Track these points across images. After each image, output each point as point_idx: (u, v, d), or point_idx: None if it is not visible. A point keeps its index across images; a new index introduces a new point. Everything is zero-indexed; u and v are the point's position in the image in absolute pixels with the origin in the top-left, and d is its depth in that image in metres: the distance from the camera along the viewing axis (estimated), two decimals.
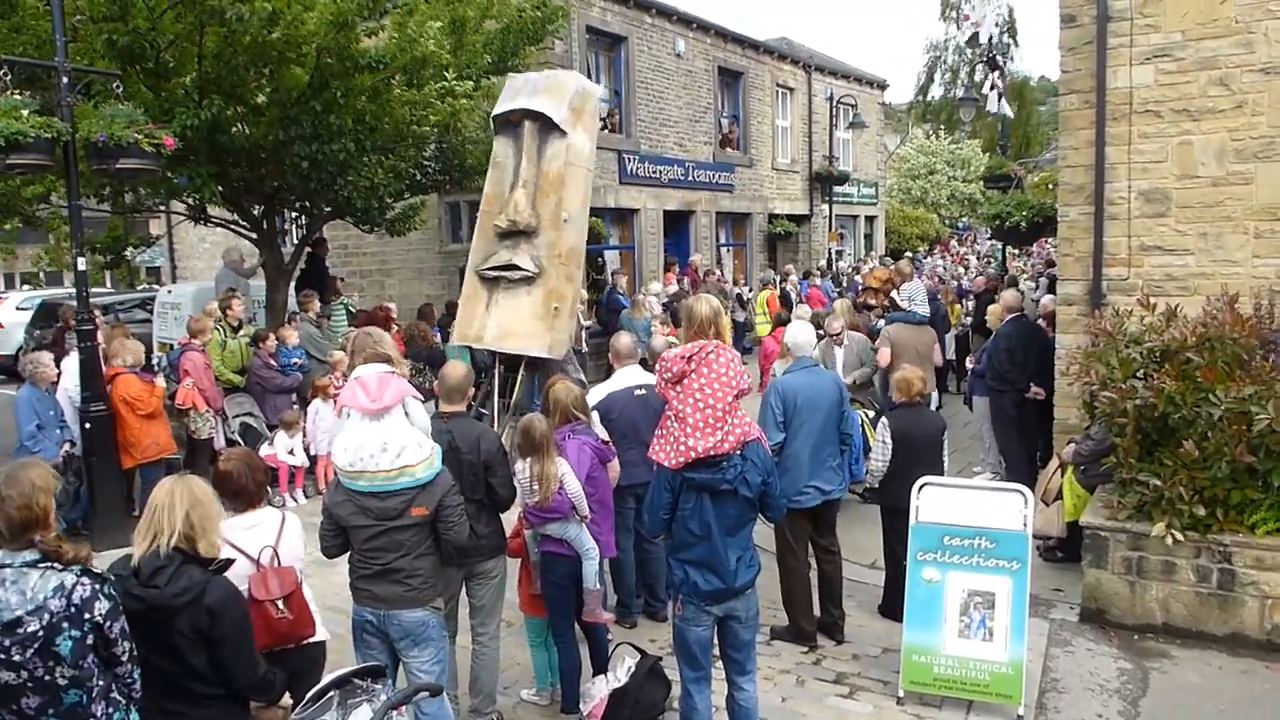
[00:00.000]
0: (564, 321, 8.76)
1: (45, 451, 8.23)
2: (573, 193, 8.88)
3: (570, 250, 8.83)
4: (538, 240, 8.72)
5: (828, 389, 6.27)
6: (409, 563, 4.23)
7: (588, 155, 9.17)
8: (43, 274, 27.81)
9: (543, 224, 8.67)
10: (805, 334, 6.65)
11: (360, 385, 4.40)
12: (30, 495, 2.96)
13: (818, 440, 6.12)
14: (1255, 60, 7.39)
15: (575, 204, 8.93)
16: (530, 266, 8.60)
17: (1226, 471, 5.84)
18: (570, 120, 8.89)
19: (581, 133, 9.03)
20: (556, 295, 8.75)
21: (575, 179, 8.91)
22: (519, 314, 8.67)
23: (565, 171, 8.79)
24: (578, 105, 9.03)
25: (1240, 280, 7.40)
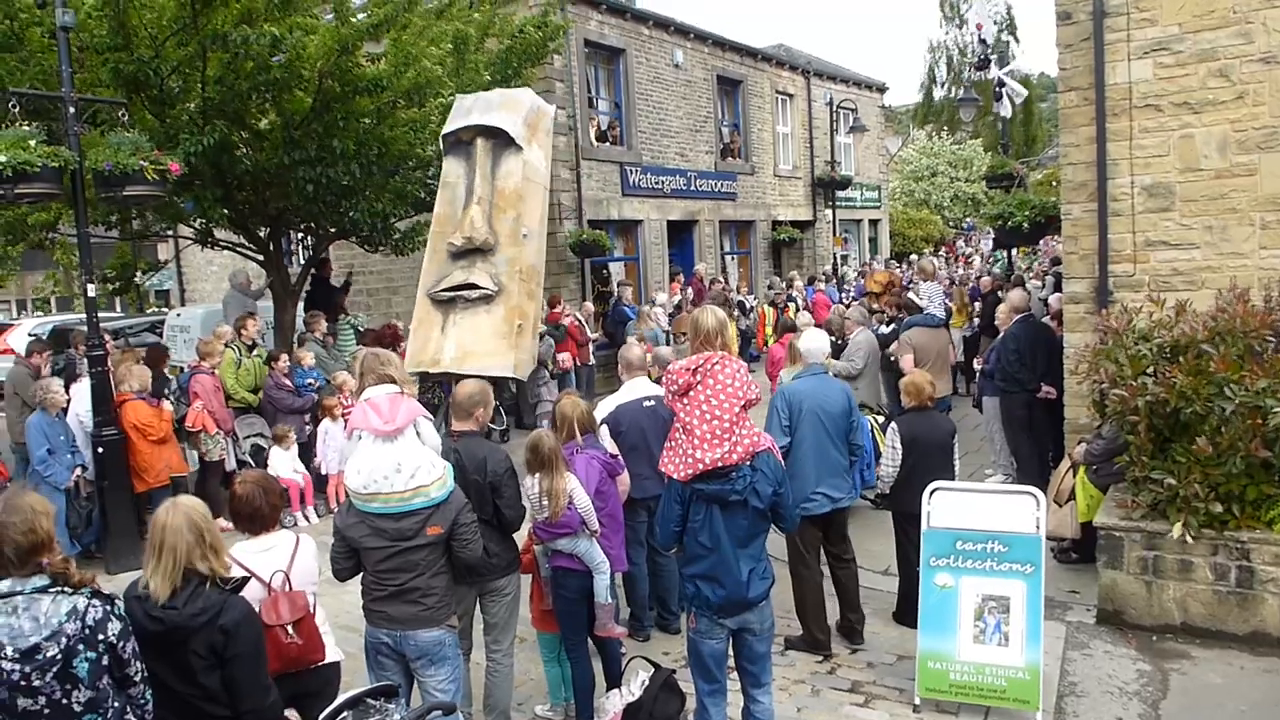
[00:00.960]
0: (528, 339, 8.55)
1: (56, 476, 8.30)
2: (531, 208, 8.69)
3: (530, 267, 8.63)
4: (496, 257, 8.49)
5: (836, 397, 6.25)
6: (425, 582, 4.22)
7: (544, 172, 9.05)
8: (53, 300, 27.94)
9: (501, 240, 8.45)
10: (817, 341, 6.63)
11: (372, 407, 4.39)
12: (32, 519, 2.97)
13: (824, 447, 6.10)
14: (1254, 50, 7.37)
15: (534, 220, 8.75)
16: (489, 284, 8.37)
17: (1242, 467, 5.79)
18: (527, 136, 8.73)
19: (538, 149, 8.90)
20: (519, 312, 8.50)
21: (533, 195, 8.73)
22: (479, 333, 8.40)
23: (523, 188, 8.61)
24: (533, 121, 8.90)
25: (1248, 272, 7.37)
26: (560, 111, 17.12)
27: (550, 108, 9.66)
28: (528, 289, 8.62)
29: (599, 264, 18.94)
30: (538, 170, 8.84)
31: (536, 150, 8.87)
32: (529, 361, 8.72)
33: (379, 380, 4.65)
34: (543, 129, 9.09)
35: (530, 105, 8.97)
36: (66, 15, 7.97)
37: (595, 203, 18.23)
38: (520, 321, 8.45)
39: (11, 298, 30.74)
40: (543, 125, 9.10)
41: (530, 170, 8.70)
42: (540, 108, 9.16)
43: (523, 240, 8.55)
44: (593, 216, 18.04)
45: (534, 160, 8.75)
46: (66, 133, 8.22)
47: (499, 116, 8.65)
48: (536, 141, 8.94)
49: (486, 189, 8.55)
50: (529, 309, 8.63)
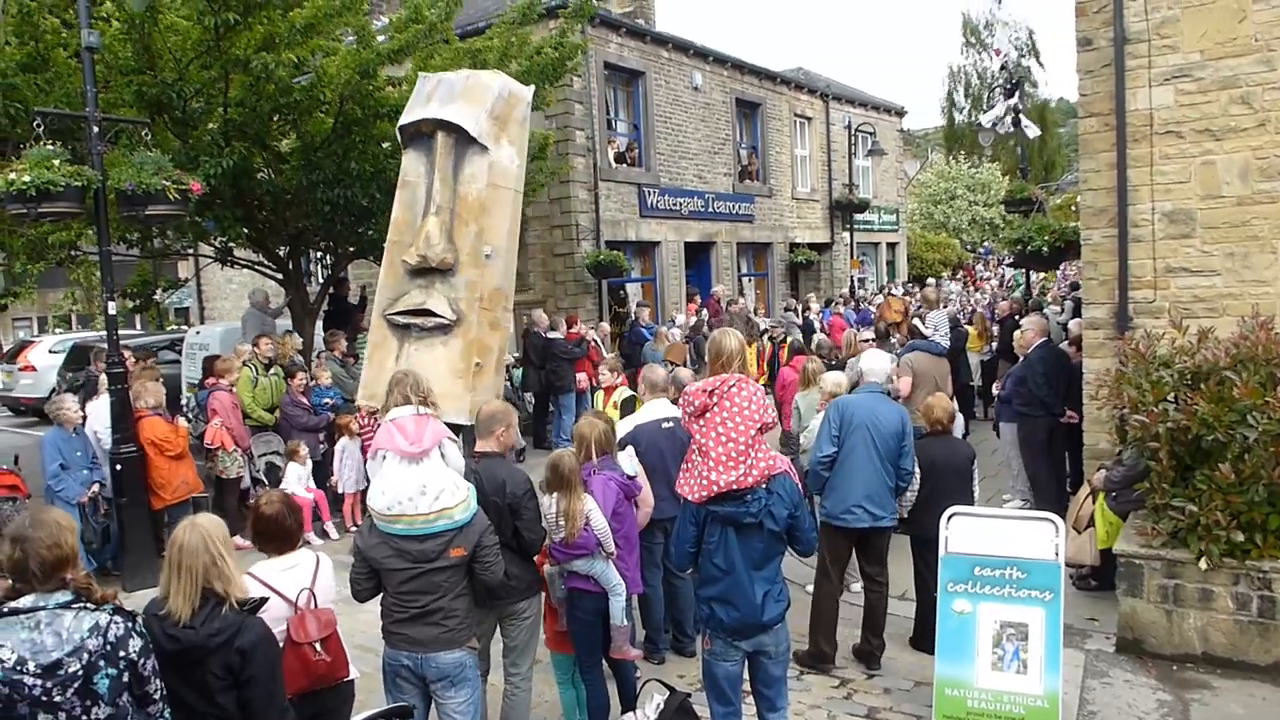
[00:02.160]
0: (488, 379, 7.50)
1: (68, 491, 8.33)
2: (497, 221, 7.52)
3: (494, 291, 7.51)
4: (455, 280, 7.36)
5: (891, 417, 6.22)
6: (447, 603, 4.20)
7: (515, 174, 7.77)
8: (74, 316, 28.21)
9: (461, 260, 7.35)
10: (880, 361, 6.65)
11: (398, 428, 4.37)
12: (57, 535, 2.98)
13: (872, 462, 6.09)
14: (1276, 78, 7.34)
15: (500, 234, 7.57)
16: (447, 312, 7.30)
17: (1264, 495, 5.74)
18: (492, 132, 7.47)
19: (507, 146, 7.60)
20: (479, 347, 7.39)
21: (500, 204, 7.54)
22: (434, 370, 7.20)
23: (487, 195, 7.42)
24: (501, 113, 7.55)
25: (1270, 300, 7.31)
26: (579, 133, 17.23)
27: (526, 90, 8.17)
28: (491, 318, 7.49)
29: (616, 285, 18.99)
30: (507, 173, 7.60)
31: (506, 148, 7.58)
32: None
33: (404, 400, 4.65)
34: (515, 119, 7.74)
35: (498, 92, 7.64)
36: (92, 36, 8.08)
37: (613, 224, 18.29)
38: (480, 359, 7.39)
39: (32, 315, 31.04)
40: (515, 115, 7.75)
41: (497, 174, 7.48)
42: (511, 93, 7.80)
43: (485, 260, 7.42)
44: (610, 237, 18.10)
45: (502, 161, 7.51)
46: (90, 152, 8.32)
47: (457, 110, 7.41)
48: (506, 136, 7.63)
49: (447, 196, 7.39)
50: (492, 342, 7.52)
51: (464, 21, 14.58)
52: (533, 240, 17.98)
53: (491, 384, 7.48)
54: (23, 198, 7.61)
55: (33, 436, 14.85)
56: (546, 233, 17.77)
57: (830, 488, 6.12)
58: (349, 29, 11.19)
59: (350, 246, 12.95)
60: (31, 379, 18.50)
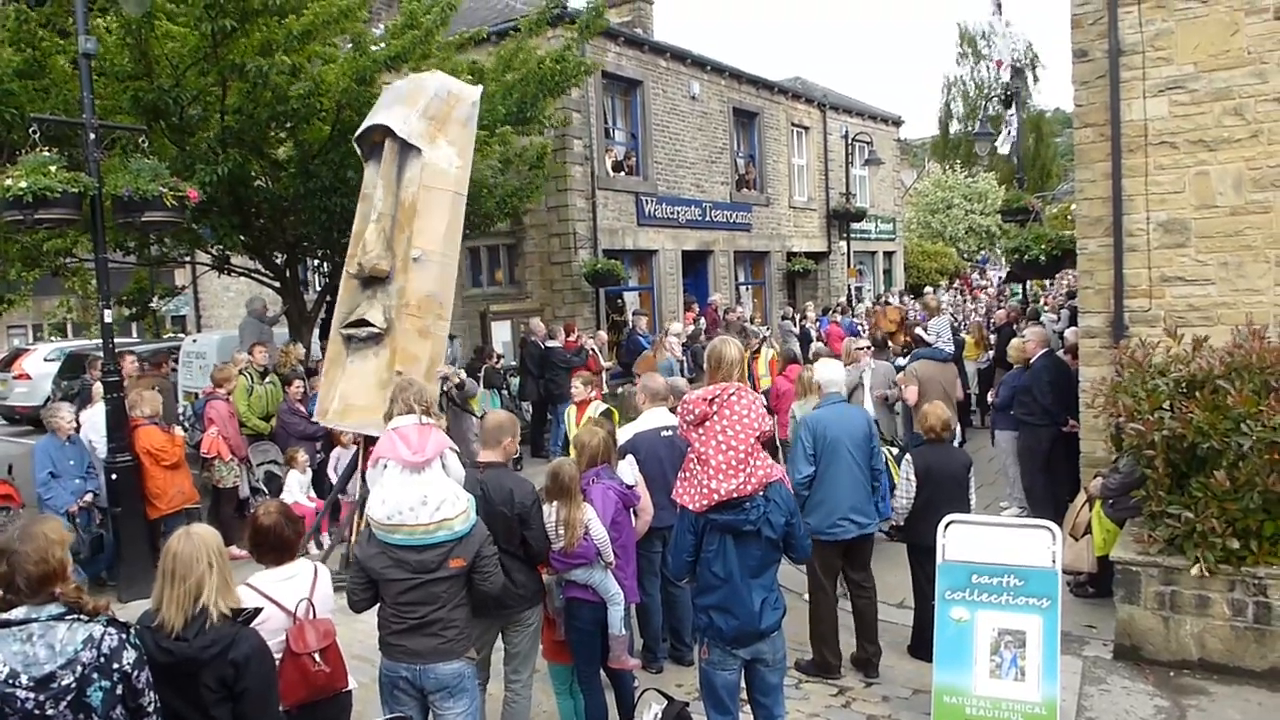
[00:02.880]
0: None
1: (57, 499, 8.28)
2: (430, 223, 7.28)
3: (426, 298, 7.23)
4: (391, 287, 7.24)
5: (858, 424, 6.33)
6: (446, 614, 4.18)
7: (455, 175, 7.48)
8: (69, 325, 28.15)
9: (397, 266, 7.22)
10: (835, 371, 6.67)
11: (400, 437, 4.35)
12: (45, 549, 2.96)
13: (850, 474, 6.16)
14: (1269, 90, 7.38)
15: (434, 237, 7.33)
16: (380, 321, 7.17)
17: (1259, 502, 5.75)
18: (426, 132, 7.33)
19: (445, 147, 7.41)
20: (403, 356, 7.18)
21: (434, 206, 7.31)
22: (364, 382, 7.19)
23: (419, 197, 7.22)
24: (439, 113, 7.42)
25: (1264, 309, 7.34)
26: (577, 141, 17.25)
27: (472, 90, 7.88)
28: (419, 325, 7.22)
29: (613, 293, 19.00)
30: (443, 174, 7.31)
31: (444, 148, 7.35)
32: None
33: (406, 409, 4.64)
34: (455, 119, 7.47)
35: (434, 92, 7.45)
36: (89, 43, 8.09)
37: (611, 232, 18.32)
38: (403, 367, 7.05)
39: (27, 322, 30.95)
40: (455, 115, 7.47)
41: (431, 175, 7.24)
42: (451, 92, 7.56)
43: (414, 264, 7.19)
44: (608, 246, 18.13)
45: (438, 162, 7.27)
46: (86, 159, 8.31)
47: (392, 113, 7.28)
48: (445, 136, 7.40)
49: (389, 202, 7.28)
50: (419, 350, 7.22)
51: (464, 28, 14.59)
52: (531, 248, 18.00)
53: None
54: (19, 204, 7.58)
55: (27, 445, 14.79)
56: (544, 241, 17.79)
57: (815, 503, 6.12)
58: (347, 36, 11.22)
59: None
60: (26, 387, 18.47)
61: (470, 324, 18.10)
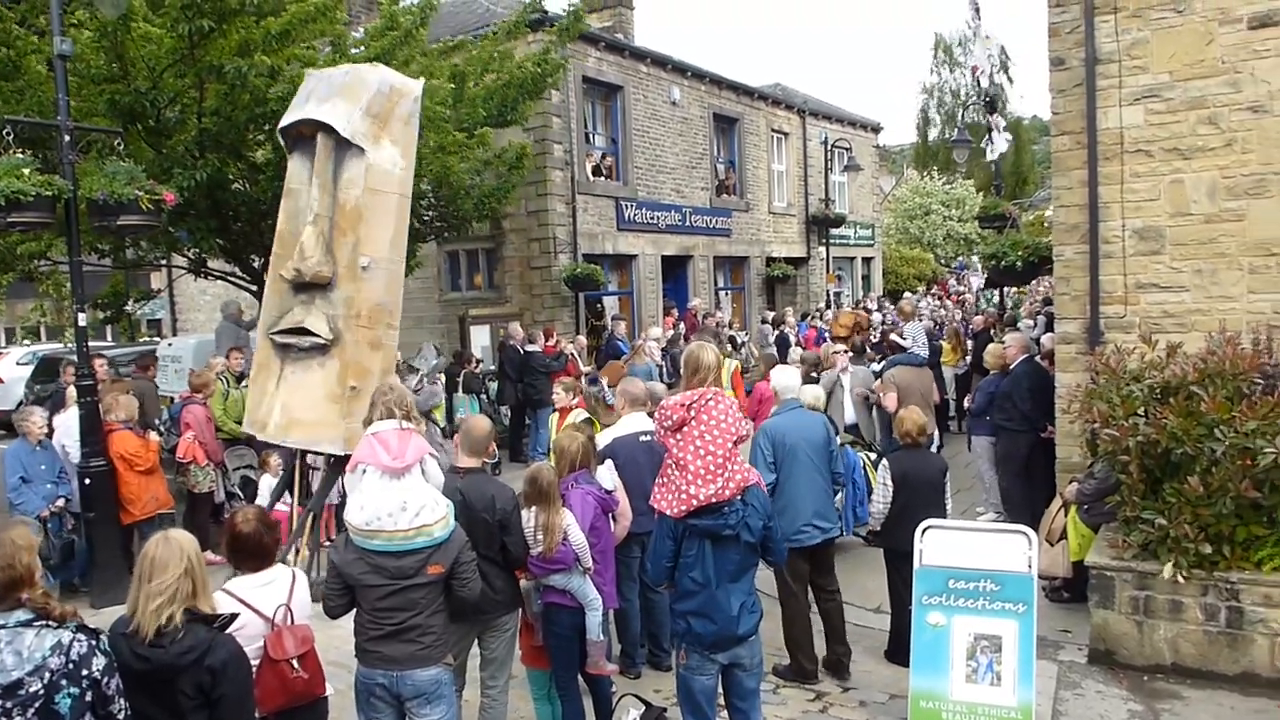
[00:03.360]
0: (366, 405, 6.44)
1: (28, 504, 8.20)
2: (376, 229, 6.95)
3: (375, 308, 6.91)
4: (334, 295, 6.87)
5: (816, 430, 6.36)
6: (423, 620, 4.15)
7: (400, 177, 7.17)
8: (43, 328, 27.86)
9: (340, 273, 6.85)
10: (790, 378, 6.71)
11: (380, 442, 4.32)
12: (12, 555, 2.93)
13: (811, 479, 6.17)
14: (1243, 99, 7.46)
15: (380, 244, 7.04)
16: (324, 331, 6.80)
17: (1231, 508, 5.81)
18: (370, 131, 6.97)
19: (389, 147, 7.08)
20: (355, 370, 6.85)
21: (380, 211, 6.98)
22: (310, 395, 6.83)
23: (365, 201, 6.88)
24: (382, 110, 7.06)
25: (1237, 316, 7.42)
26: (557, 146, 17.25)
27: (414, 85, 7.49)
28: (370, 337, 6.88)
29: (593, 298, 18.99)
30: (388, 176, 6.98)
31: (388, 148, 6.99)
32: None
33: (387, 414, 4.61)
34: (398, 117, 7.10)
35: (376, 88, 7.04)
36: (65, 44, 8.01)
37: (591, 237, 18.31)
38: (355, 382, 6.80)
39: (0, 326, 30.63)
40: (398, 112, 7.10)
41: (376, 177, 6.89)
42: (395, 87, 7.17)
43: (363, 273, 6.85)
44: (588, 250, 18.12)
45: (382, 163, 6.92)
46: (61, 161, 8.23)
47: (332, 108, 6.86)
48: (389, 135, 7.03)
49: (326, 203, 6.86)
50: (371, 363, 6.90)
51: (446, 34, 14.57)
52: (510, 253, 17.97)
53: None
54: None
55: None
56: (524, 245, 17.76)
57: (777, 510, 6.08)
58: (325, 37, 11.16)
59: None
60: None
61: (449, 328, 18.07)
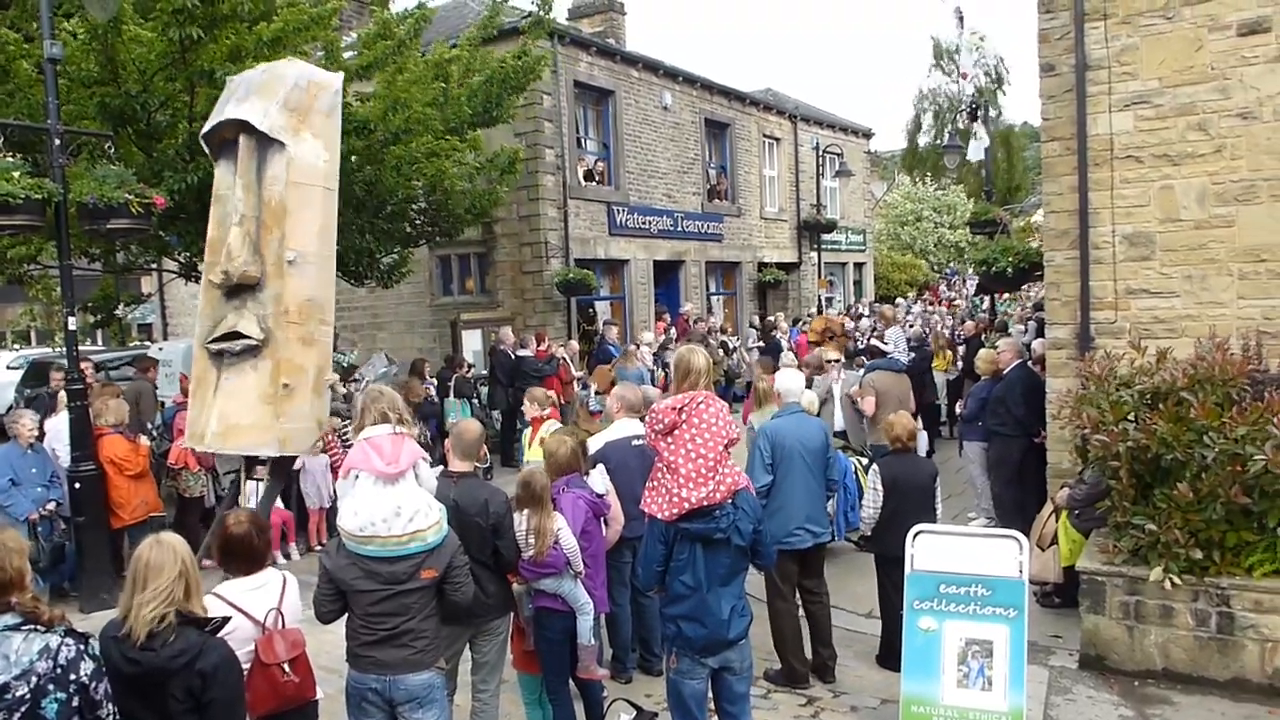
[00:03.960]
0: (301, 403, 6.67)
1: (17, 507, 8.16)
2: (302, 222, 6.75)
3: (305, 304, 6.72)
4: (263, 295, 6.70)
5: (815, 434, 6.36)
6: (416, 625, 4.14)
7: (323, 169, 6.95)
8: (33, 332, 27.76)
9: (268, 271, 6.67)
10: (794, 381, 6.70)
11: (373, 448, 4.30)
12: (3, 558, 2.92)
13: (806, 483, 6.18)
14: (1232, 105, 7.50)
15: (307, 237, 6.79)
16: (255, 332, 6.60)
17: (1221, 513, 5.83)
18: (289, 125, 6.75)
19: (310, 139, 6.86)
20: (287, 368, 6.61)
21: (306, 203, 6.79)
22: (245, 399, 6.57)
23: (289, 195, 6.71)
24: (300, 103, 6.84)
25: (1227, 321, 7.45)
26: (549, 151, 17.25)
27: (333, 78, 7.26)
28: (302, 333, 6.64)
29: (585, 303, 18.99)
30: (311, 169, 6.76)
31: (309, 141, 6.78)
32: (306, 433, 6.73)
33: (380, 419, 4.60)
34: (318, 110, 6.92)
35: (293, 82, 6.84)
36: (55, 48, 7.98)
37: (582, 241, 18.31)
38: (288, 379, 6.55)
39: None
40: (317, 105, 6.91)
41: (299, 170, 6.68)
42: (312, 81, 6.97)
43: (289, 267, 6.63)
44: (580, 255, 18.12)
45: (304, 156, 6.71)
46: (51, 165, 8.20)
47: (250, 106, 6.69)
48: (309, 129, 6.83)
49: (251, 203, 6.68)
50: (305, 360, 6.66)
51: (436, 37, 14.56)
52: (502, 258, 17.96)
53: (308, 408, 6.65)
54: None
55: None
56: (515, 250, 17.75)
57: (769, 512, 6.06)
58: (317, 44, 11.14)
59: None
60: None
61: (441, 332, 18.04)
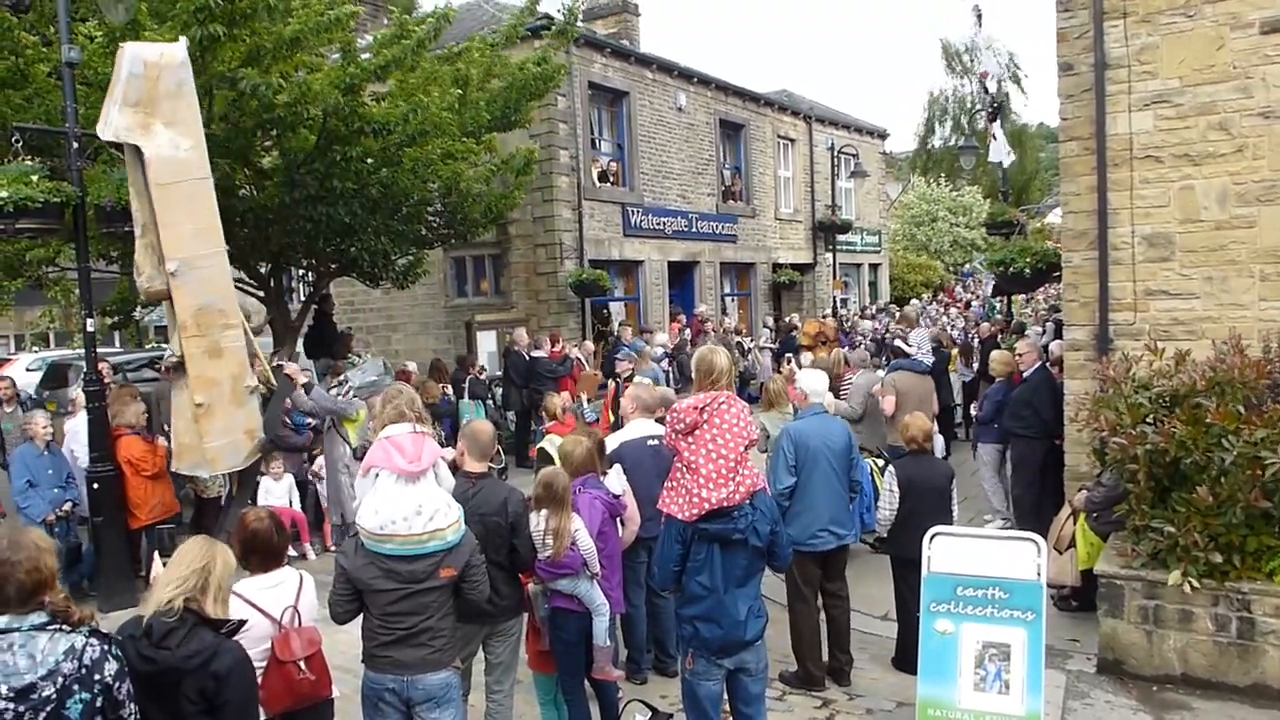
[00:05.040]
0: (221, 419, 6.23)
1: (34, 508, 8.22)
2: (175, 228, 6.15)
3: (200, 313, 6.26)
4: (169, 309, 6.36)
5: (840, 436, 6.33)
6: (434, 623, 4.13)
7: (186, 159, 6.28)
8: (52, 335, 27.95)
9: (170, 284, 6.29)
10: (819, 381, 6.67)
11: (395, 446, 4.30)
12: (37, 558, 2.93)
13: (832, 485, 6.16)
14: (1254, 104, 7.43)
15: (182, 242, 6.22)
16: (176, 348, 6.41)
17: (1241, 517, 5.77)
18: (135, 123, 6.16)
19: (163, 130, 6.20)
20: (199, 385, 6.22)
21: (176, 205, 6.15)
22: (184, 418, 6.41)
23: (157, 200, 6.17)
24: (143, 94, 6.17)
25: (1248, 323, 7.38)
26: (563, 152, 17.27)
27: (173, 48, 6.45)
28: (205, 345, 6.20)
29: (599, 304, 19.00)
30: (173, 165, 6.12)
31: (162, 134, 6.10)
32: (233, 447, 6.31)
33: (398, 417, 4.61)
34: (164, 94, 6.17)
35: (129, 71, 6.11)
36: (73, 52, 8.02)
37: (597, 243, 18.32)
38: (202, 397, 6.17)
39: (9, 332, 30.71)
40: (163, 89, 6.15)
41: (160, 170, 6.08)
42: (150, 63, 6.18)
43: (173, 281, 6.16)
44: (594, 256, 18.13)
45: (161, 153, 6.07)
46: (69, 168, 8.24)
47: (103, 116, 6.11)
48: (160, 119, 6.15)
49: (146, 213, 6.26)
50: (218, 372, 6.23)
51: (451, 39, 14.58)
52: (516, 259, 17.99)
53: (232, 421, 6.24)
54: (0, 214, 7.52)
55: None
56: (530, 251, 17.78)
57: (794, 514, 6.08)
58: (335, 45, 11.18)
59: (332, 264, 12.93)
60: None
61: (455, 334, 18.08)
